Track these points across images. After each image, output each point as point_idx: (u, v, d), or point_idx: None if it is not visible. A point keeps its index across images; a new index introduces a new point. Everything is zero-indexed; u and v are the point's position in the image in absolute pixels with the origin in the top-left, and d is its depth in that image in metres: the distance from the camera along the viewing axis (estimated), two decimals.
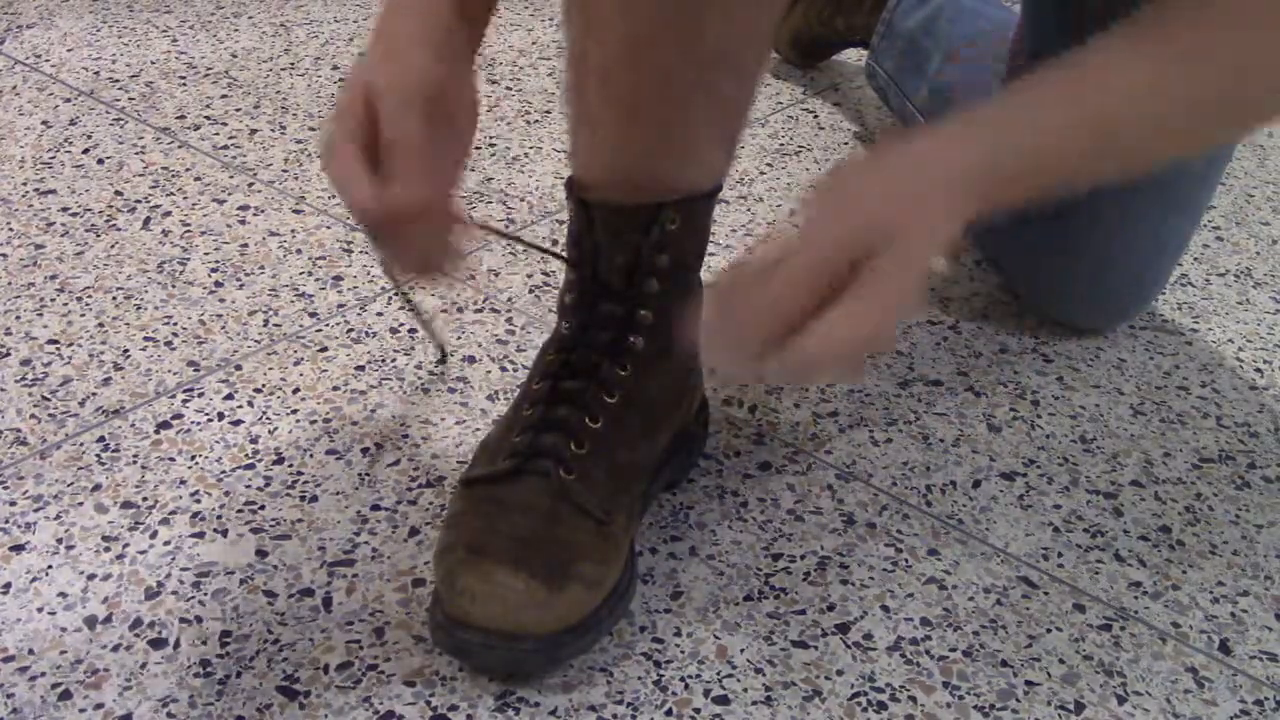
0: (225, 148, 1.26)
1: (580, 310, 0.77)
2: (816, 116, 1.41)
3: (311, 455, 0.88)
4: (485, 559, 0.70)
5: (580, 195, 0.75)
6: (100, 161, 1.22)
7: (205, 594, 0.77)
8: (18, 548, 0.80)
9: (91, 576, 0.78)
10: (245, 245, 1.11)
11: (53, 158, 1.22)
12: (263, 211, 1.16)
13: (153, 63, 1.42)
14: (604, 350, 0.77)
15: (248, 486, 0.85)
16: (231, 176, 1.21)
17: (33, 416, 0.90)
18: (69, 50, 1.43)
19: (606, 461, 0.75)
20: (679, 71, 0.69)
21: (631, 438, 0.77)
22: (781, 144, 1.34)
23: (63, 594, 0.77)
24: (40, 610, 0.75)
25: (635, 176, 0.73)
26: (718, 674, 0.74)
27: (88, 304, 1.02)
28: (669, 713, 0.72)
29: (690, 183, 0.74)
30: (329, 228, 1.14)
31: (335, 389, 0.95)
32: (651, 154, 0.73)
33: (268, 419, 0.91)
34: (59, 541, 0.80)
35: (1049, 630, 0.79)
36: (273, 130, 1.30)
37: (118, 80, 1.37)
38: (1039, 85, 0.63)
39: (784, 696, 0.73)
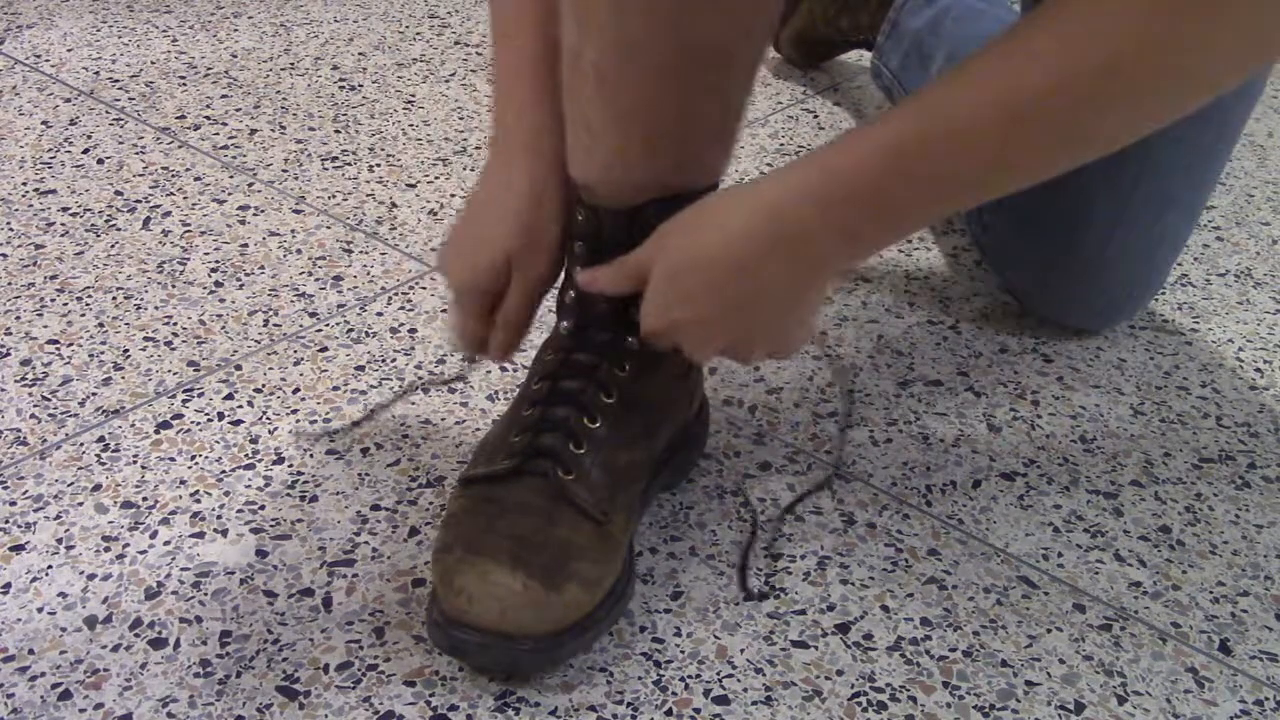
0: (225, 148, 1.26)
1: (578, 310, 0.77)
2: (816, 116, 1.41)
3: (311, 455, 0.88)
4: (483, 558, 0.70)
5: (577, 196, 0.75)
6: (100, 161, 1.22)
7: (205, 594, 0.77)
8: (18, 548, 0.80)
9: (91, 576, 0.78)
10: (245, 245, 1.11)
11: (53, 158, 1.22)
12: (263, 211, 1.16)
13: (153, 63, 1.42)
14: (602, 350, 0.77)
15: (248, 486, 0.85)
16: (231, 176, 1.21)
17: (33, 416, 0.90)
18: (69, 50, 1.43)
19: (605, 462, 0.75)
20: (674, 71, 0.69)
21: (630, 438, 0.77)
22: (781, 144, 1.34)
23: (63, 594, 0.77)
24: (40, 610, 0.75)
25: (632, 176, 0.73)
26: (718, 674, 0.74)
27: (88, 304, 1.02)
28: (669, 713, 0.72)
29: (687, 181, 0.74)
30: (329, 228, 1.14)
31: (335, 389, 0.95)
32: (648, 154, 0.72)
33: (268, 419, 0.91)
34: (59, 541, 0.80)
35: (1049, 630, 0.79)
36: (273, 130, 1.30)
37: (118, 80, 1.37)
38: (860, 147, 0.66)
39: (784, 696, 0.73)
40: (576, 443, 0.75)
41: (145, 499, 0.84)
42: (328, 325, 1.02)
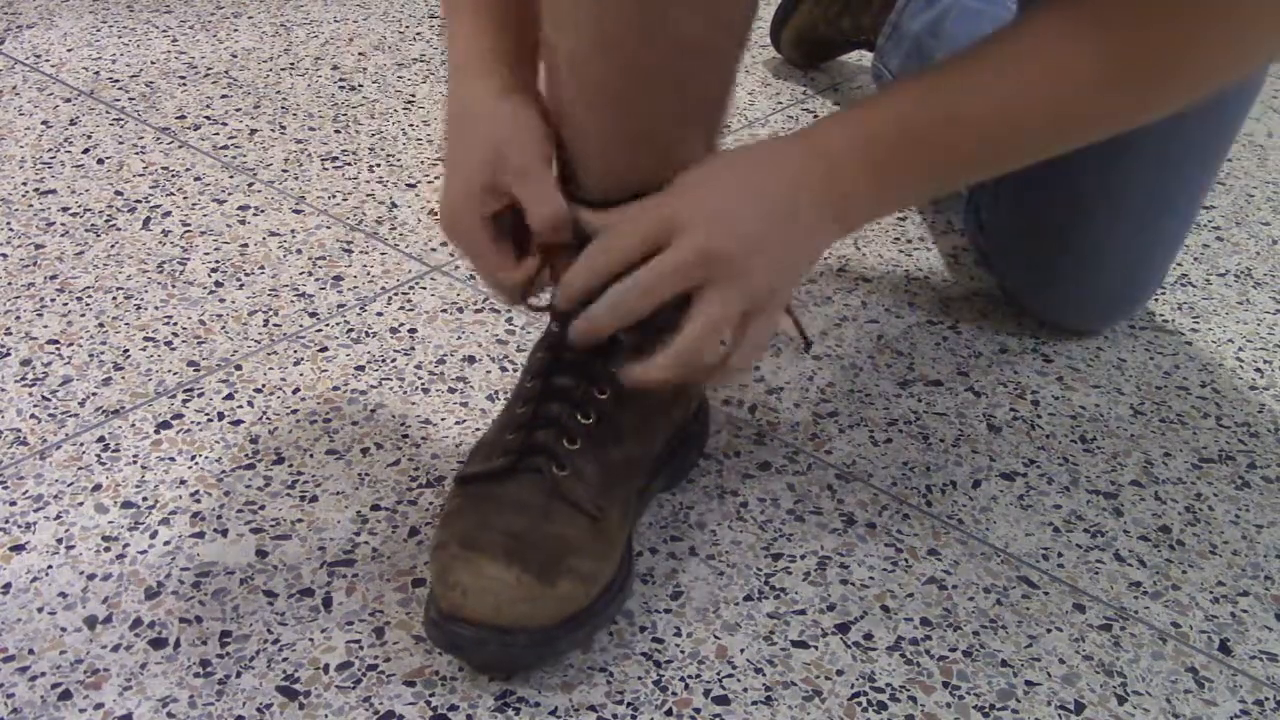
0: (225, 148, 1.26)
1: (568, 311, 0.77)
2: (816, 116, 1.41)
3: (311, 455, 0.88)
4: (478, 554, 0.70)
5: (565, 191, 0.75)
6: (100, 161, 1.22)
7: (205, 594, 0.77)
8: (18, 548, 0.80)
9: (91, 576, 0.78)
10: (245, 245, 1.11)
11: (53, 158, 1.23)
12: (263, 211, 1.16)
13: (153, 63, 1.42)
14: (593, 346, 0.77)
15: (248, 486, 0.85)
16: (231, 176, 1.21)
17: (33, 416, 0.90)
18: (69, 50, 1.43)
19: (599, 457, 0.75)
20: (649, 64, 0.68)
21: (625, 434, 0.77)
22: None
23: (63, 594, 0.77)
24: (40, 610, 0.75)
25: (614, 170, 0.73)
26: (718, 674, 0.74)
27: (88, 304, 1.02)
28: (669, 713, 0.72)
29: (671, 174, 0.74)
30: (329, 228, 1.14)
31: (335, 389, 0.95)
32: (627, 147, 0.72)
33: (268, 419, 0.91)
34: (59, 541, 0.80)
35: (1049, 630, 0.79)
36: (273, 130, 1.30)
37: (118, 80, 1.37)
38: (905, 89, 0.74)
39: (784, 696, 0.73)
40: (570, 439, 0.75)
41: (145, 499, 0.84)
42: (328, 325, 1.02)
